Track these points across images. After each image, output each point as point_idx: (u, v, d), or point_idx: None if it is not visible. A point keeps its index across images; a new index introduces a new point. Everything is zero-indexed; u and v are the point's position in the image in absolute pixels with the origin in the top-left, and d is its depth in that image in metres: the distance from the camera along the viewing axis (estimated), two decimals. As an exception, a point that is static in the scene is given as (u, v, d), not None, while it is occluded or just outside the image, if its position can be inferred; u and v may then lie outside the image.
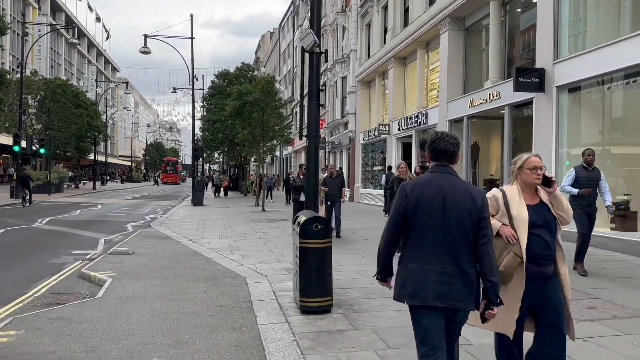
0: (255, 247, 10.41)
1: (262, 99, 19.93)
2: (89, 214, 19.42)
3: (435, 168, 2.90)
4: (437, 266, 2.72)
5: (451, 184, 2.81)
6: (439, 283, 2.70)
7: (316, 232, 5.27)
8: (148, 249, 10.35)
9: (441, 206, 2.75)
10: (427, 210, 2.77)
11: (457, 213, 2.74)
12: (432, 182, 2.83)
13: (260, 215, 18.46)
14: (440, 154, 2.88)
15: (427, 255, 2.76)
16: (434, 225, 2.76)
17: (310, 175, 6.79)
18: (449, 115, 16.08)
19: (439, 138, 2.91)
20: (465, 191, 2.80)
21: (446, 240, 2.74)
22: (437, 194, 2.77)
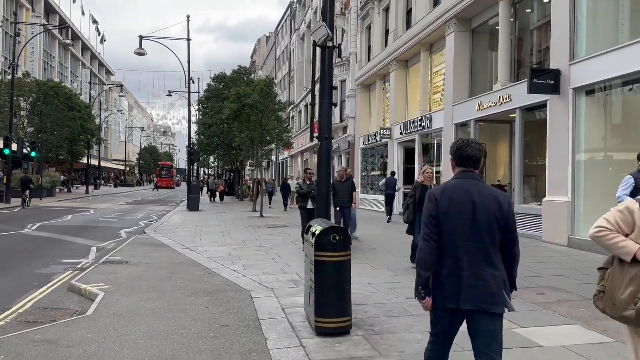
0: (257, 256, 9.82)
1: (261, 101, 19.37)
2: (81, 220, 18.76)
3: (461, 174, 2.95)
4: (468, 270, 2.79)
5: (478, 189, 2.87)
6: (470, 287, 2.77)
7: (334, 244, 4.70)
8: (143, 257, 9.74)
9: (471, 211, 2.82)
10: (457, 215, 2.83)
11: (486, 217, 2.81)
12: (461, 187, 2.88)
13: (258, 221, 17.86)
14: (466, 159, 2.94)
15: (458, 259, 2.82)
16: (464, 229, 2.82)
17: (322, 179, 6.24)
18: (455, 118, 15.58)
19: (466, 144, 2.97)
20: (492, 196, 2.87)
21: (476, 244, 2.81)
22: (466, 199, 2.84)
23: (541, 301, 6.10)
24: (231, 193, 39.19)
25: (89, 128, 40.13)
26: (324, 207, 6.20)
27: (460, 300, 2.78)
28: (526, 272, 7.92)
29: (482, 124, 14.80)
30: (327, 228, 4.78)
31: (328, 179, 6.27)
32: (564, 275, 7.83)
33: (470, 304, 2.77)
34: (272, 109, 20.45)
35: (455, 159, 2.99)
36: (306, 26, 44.10)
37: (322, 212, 6.18)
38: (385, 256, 9.62)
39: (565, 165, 10.56)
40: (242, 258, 9.62)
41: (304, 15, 45.60)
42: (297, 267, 8.50)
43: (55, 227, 15.94)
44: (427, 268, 2.86)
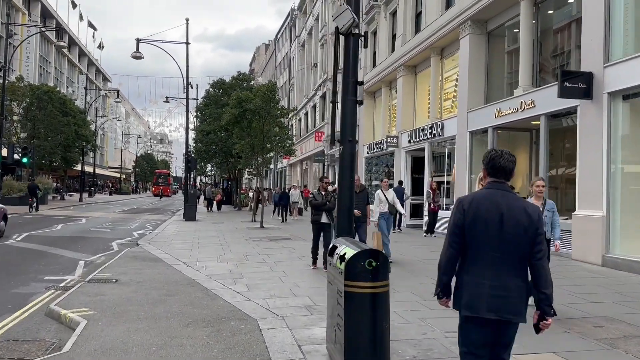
0: (262, 274, 8.84)
1: (263, 107, 18.44)
2: (71, 230, 17.73)
3: (492, 184, 2.96)
4: (492, 280, 2.81)
5: (508, 201, 2.87)
6: (492, 296, 2.80)
7: (371, 272, 3.75)
8: (134, 274, 8.74)
9: (498, 222, 2.82)
10: (484, 226, 2.84)
11: (514, 229, 2.81)
12: (490, 198, 2.89)
13: (259, 233, 16.89)
14: (499, 170, 2.94)
15: (483, 268, 2.85)
16: (491, 240, 2.84)
17: (345, 189, 5.31)
18: (470, 126, 14.70)
19: (499, 155, 2.96)
20: (522, 208, 2.87)
21: (502, 255, 2.82)
22: (494, 210, 2.84)
23: (604, 337, 5.16)
24: (228, 202, 38.20)
25: (84, 134, 39.09)
26: (347, 223, 5.27)
27: (484, 310, 2.81)
28: (569, 297, 6.99)
29: (500, 132, 13.90)
30: (361, 251, 3.82)
31: (351, 188, 5.34)
32: (614, 301, 6.88)
33: (493, 313, 2.80)
34: (274, 115, 19.52)
35: (488, 169, 2.99)
36: (307, 33, 43.40)
37: (345, 228, 5.25)
38: (406, 276, 8.66)
39: (599, 177, 9.66)
40: (245, 276, 8.65)
41: (305, 23, 44.93)
42: (308, 288, 7.54)
43: (43, 237, 14.91)
44: (445, 273, 2.98)
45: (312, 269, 9.30)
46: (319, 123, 36.86)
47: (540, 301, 2.85)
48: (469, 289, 2.87)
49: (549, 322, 2.87)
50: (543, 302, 2.84)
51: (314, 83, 40.42)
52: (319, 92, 37.17)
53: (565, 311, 6.07)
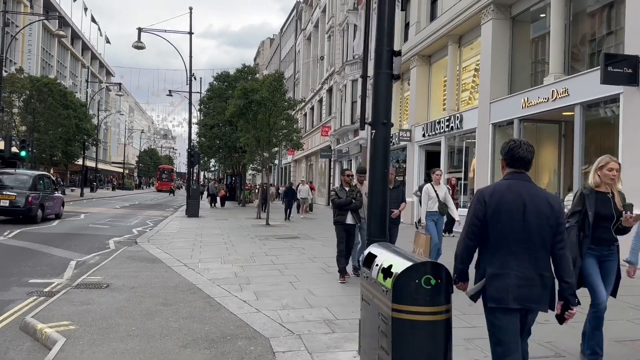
0: (271, 279, 7.90)
1: (269, 98, 17.46)
2: (68, 226, 16.83)
3: (512, 175, 2.96)
4: (516, 270, 2.82)
5: (529, 191, 2.89)
6: (518, 286, 2.79)
7: (429, 293, 2.80)
8: (129, 278, 7.82)
9: (521, 212, 2.83)
10: (507, 216, 2.84)
11: (537, 219, 2.83)
12: (511, 189, 2.89)
13: (265, 231, 15.96)
14: (518, 161, 2.95)
15: (507, 259, 2.84)
16: (514, 230, 2.84)
17: (377, 183, 4.36)
18: (493, 117, 13.70)
19: (518, 145, 2.97)
20: (543, 197, 2.89)
21: (525, 245, 2.83)
22: (517, 201, 2.85)
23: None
24: (232, 198, 37.30)
25: (85, 128, 38.20)
26: (380, 224, 4.31)
27: (510, 300, 2.79)
28: None
29: (527, 124, 12.89)
30: (417, 264, 2.87)
31: (385, 182, 4.39)
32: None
33: (518, 303, 2.80)
34: (281, 107, 18.52)
35: (507, 160, 3.00)
36: (313, 26, 42.37)
37: (378, 230, 4.29)
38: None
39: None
40: (252, 281, 7.71)
41: (311, 15, 43.87)
42: (325, 297, 6.59)
43: (37, 234, 14.01)
44: (462, 262, 3.00)
45: (340, 282, 7.69)
46: (326, 117, 35.87)
47: (564, 290, 2.86)
48: (493, 280, 2.83)
49: (574, 311, 2.89)
50: (566, 292, 2.86)
51: (320, 77, 39.40)
52: (325, 86, 36.17)
53: None
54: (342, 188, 7.91)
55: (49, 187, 18.40)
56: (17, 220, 16.42)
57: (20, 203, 16.05)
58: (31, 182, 17.00)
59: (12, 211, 16.24)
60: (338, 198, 7.76)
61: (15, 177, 17.52)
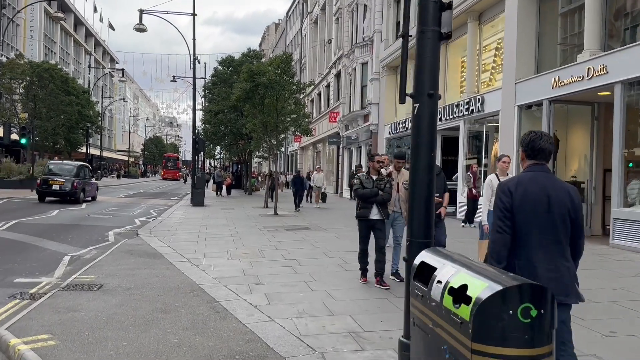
0: (283, 278, 7.07)
1: (277, 80, 16.51)
2: (67, 216, 16.08)
3: (534, 167, 2.95)
4: (544, 262, 2.79)
5: (552, 183, 2.89)
6: (545, 279, 2.72)
7: (527, 328, 1.94)
8: (125, 277, 7.02)
9: (546, 204, 2.82)
10: (532, 208, 2.81)
11: (561, 210, 2.82)
12: (535, 181, 2.87)
13: (273, 221, 15.14)
14: (539, 152, 2.94)
15: (533, 252, 2.81)
16: (540, 222, 2.81)
17: (422, 173, 3.48)
18: (519, 99, 12.72)
19: (539, 137, 2.97)
20: (565, 189, 2.90)
21: (550, 237, 2.81)
22: (541, 192, 2.83)
23: None
24: (238, 186, 36.53)
25: (87, 115, 37.41)
26: (425, 222, 3.44)
27: None
28: None
29: (557, 106, 11.91)
30: (509, 289, 2.00)
31: (431, 170, 3.50)
32: None
33: None
34: (289, 90, 17.56)
35: (527, 152, 2.97)
36: (320, 9, 41.15)
37: (422, 229, 3.43)
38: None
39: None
40: (263, 280, 6.88)
41: (318, -2, 42.63)
42: (347, 302, 5.76)
43: (33, 225, 13.26)
44: (500, 261, 2.85)
45: (362, 282, 6.73)
46: (334, 103, 34.85)
47: None
48: (521, 274, 2.70)
49: None
50: None
51: (327, 61, 38.30)
52: (333, 70, 35.07)
53: None
54: (369, 176, 6.60)
55: (87, 175, 22.80)
56: (65, 200, 20.28)
57: (67, 187, 20.10)
58: (75, 170, 21.25)
59: (61, 193, 20.16)
60: (362, 188, 6.46)
61: (62, 167, 21.62)
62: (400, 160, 7.08)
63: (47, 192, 20.23)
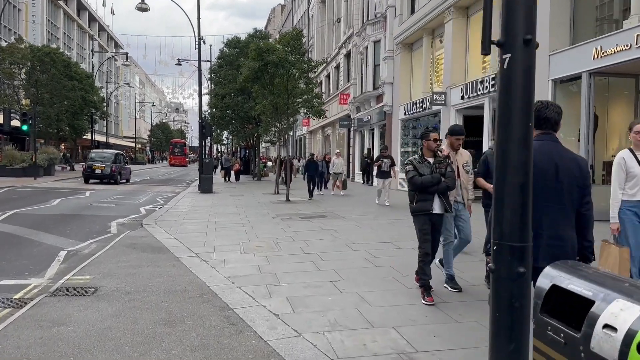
0: (305, 276, 6.16)
1: (287, 59, 15.46)
2: (69, 205, 15.27)
3: (541, 136, 2.94)
4: (548, 230, 2.82)
5: (559, 151, 2.90)
6: (548, 246, 2.80)
7: None
8: (125, 277, 6.14)
9: (554, 172, 2.84)
10: (540, 176, 2.78)
11: (568, 179, 2.85)
12: (543, 149, 2.86)
13: (286, 208, 14.24)
14: (545, 121, 2.95)
15: (539, 219, 2.77)
16: (547, 190, 2.83)
17: (515, 147, 2.52)
18: (553, 72, 11.63)
19: (545, 106, 2.97)
20: (573, 159, 2.92)
21: (557, 205, 2.83)
22: (549, 161, 2.85)
23: None
24: (246, 172, 35.64)
25: (91, 100, 36.48)
26: (521, 216, 2.48)
27: (540, 259, 2.74)
28: None
29: (598, 79, 10.81)
30: None
31: (528, 147, 2.52)
32: None
33: (547, 262, 2.67)
34: (300, 69, 16.49)
35: (534, 120, 2.68)
36: (329, -13, 39.72)
37: (517, 226, 2.47)
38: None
39: None
40: (282, 280, 5.98)
41: (326, -25, 41.14)
42: (385, 308, 4.84)
43: (31, 216, 12.45)
44: None
45: (427, 303, 4.97)
46: (344, 84, 33.70)
47: (585, 249, 2.91)
48: None
49: None
50: (587, 250, 2.91)
51: (336, 41, 37.03)
52: (342, 51, 33.84)
53: None
54: (424, 159, 5.12)
55: (122, 161, 27.13)
56: (105, 182, 24.98)
57: (107, 171, 24.58)
58: (113, 157, 25.73)
59: (102, 176, 24.66)
60: (419, 175, 5.03)
61: (102, 154, 26.39)
62: (459, 137, 5.60)
63: (91, 175, 24.83)
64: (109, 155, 25.98)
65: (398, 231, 9.76)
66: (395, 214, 12.78)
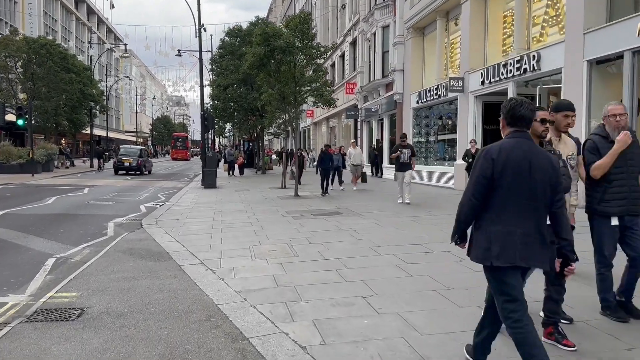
0: (330, 290, 5.20)
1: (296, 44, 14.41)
2: (65, 204, 14.35)
3: (515, 134, 2.93)
4: (521, 228, 2.81)
5: (533, 149, 2.88)
6: (523, 244, 2.79)
7: None
8: (117, 294, 5.21)
9: (527, 170, 2.82)
10: (514, 175, 2.82)
11: (541, 177, 2.83)
12: (517, 147, 2.87)
13: (296, 204, 13.29)
14: (519, 120, 2.92)
15: (512, 217, 2.82)
16: (521, 188, 2.82)
17: None
18: (589, 52, 10.60)
19: (519, 104, 2.94)
20: (546, 156, 2.90)
21: (530, 203, 2.82)
22: (523, 159, 2.84)
23: None
24: (250, 165, 34.69)
25: (90, 94, 35.49)
26: None
27: (516, 258, 2.78)
28: None
29: (642, 57, 9.77)
30: None
31: None
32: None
33: (524, 262, 2.79)
34: (310, 55, 15.42)
35: (507, 119, 2.98)
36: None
37: None
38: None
39: None
40: (304, 295, 5.03)
41: (329, -38, 39.87)
42: (441, 336, 3.87)
43: (22, 217, 11.54)
44: (466, 222, 2.96)
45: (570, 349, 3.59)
46: (350, 74, 32.61)
47: (563, 248, 2.89)
48: (499, 239, 2.81)
49: (573, 267, 2.94)
50: (566, 248, 2.89)
51: (341, 29, 35.89)
52: (348, 38, 32.72)
53: None
54: (550, 147, 3.73)
55: (145, 155, 31.81)
56: (133, 173, 29.01)
57: (134, 164, 28.97)
58: (139, 152, 30.39)
59: (130, 168, 28.94)
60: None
61: (129, 150, 31.15)
62: (569, 114, 3.97)
63: (121, 167, 28.98)
64: (135, 151, 30.72)
65: (425, 230, 8.80)
66: (416, 210, 11.82)
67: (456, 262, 6.22)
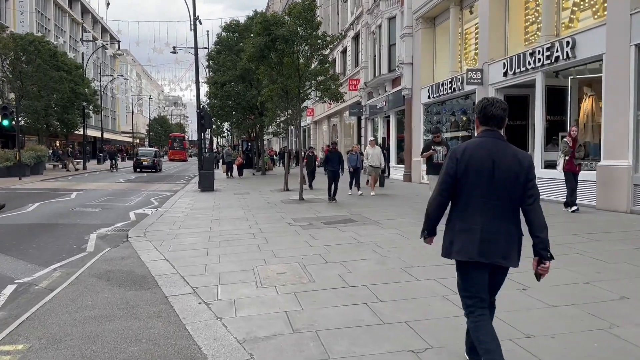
0: (365, 337, 3.86)
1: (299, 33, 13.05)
2: (46, 211, 12.99)
3: (484, 133, 2.96)
4: (483, 225, 2.84)
5: (500, 148, 2.88)
6: (483, 241, 2.83)
7: None
8: (78, 347, 3.89)
9: (490, 169, 2.84)
10: (476, 173, 2.86)
11: (505, 175, 2.83)
12: (482, 146, 2.89)
13: (302, 210, 11.94)
14: (491, 119, 2.93)
15: (474, 215, 2.87)
16: (482, 187, 2.85)
17: None
18: (636, 36, 9.26)
19: (491, 103, 2.94)
20: (513, 155, 2.89)
21: (492, 201, 2.85)
22: (486, 157, 2.86)
23: None
24: (249, 166, 33.33)
25: (82, 93, 34.05)
26: None
27: (475, 254, 2.83)
28: None
29: None
30: None
31: None
32: None
33: (484, 257, 2.83)
34: (315, 45, 14.03)
35: (480, 118, 2.98)
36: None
37: None
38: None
39: None
40: (331, 348, 3.68)
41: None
42: None
43: (-6, 228, 10.18)
44: (434, 218, 3.05)
45: None
46: (352, 69, 31.25)
47: (536, 245, 2.86)
48: (460, 235, 2.89)
49: (547, 265, 2.87)
50: (538, 246, 2.86)
51: (342, 23, 34.52)
52: (350, 33, 31.36)
53: None
54: None
55: (158, 155, 37.21)
56: (149, 171, 33.79)
57: (151, 163, 34.19)
58: (153, 153, 36.10)
59: (147, 167, 33.96)
60: None
61: (146, 152, 37.45)
62: None
63: (140, 166, 33.96)
64: (150, 152, 37.15)
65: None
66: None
67: (519, 292, 4.87)
